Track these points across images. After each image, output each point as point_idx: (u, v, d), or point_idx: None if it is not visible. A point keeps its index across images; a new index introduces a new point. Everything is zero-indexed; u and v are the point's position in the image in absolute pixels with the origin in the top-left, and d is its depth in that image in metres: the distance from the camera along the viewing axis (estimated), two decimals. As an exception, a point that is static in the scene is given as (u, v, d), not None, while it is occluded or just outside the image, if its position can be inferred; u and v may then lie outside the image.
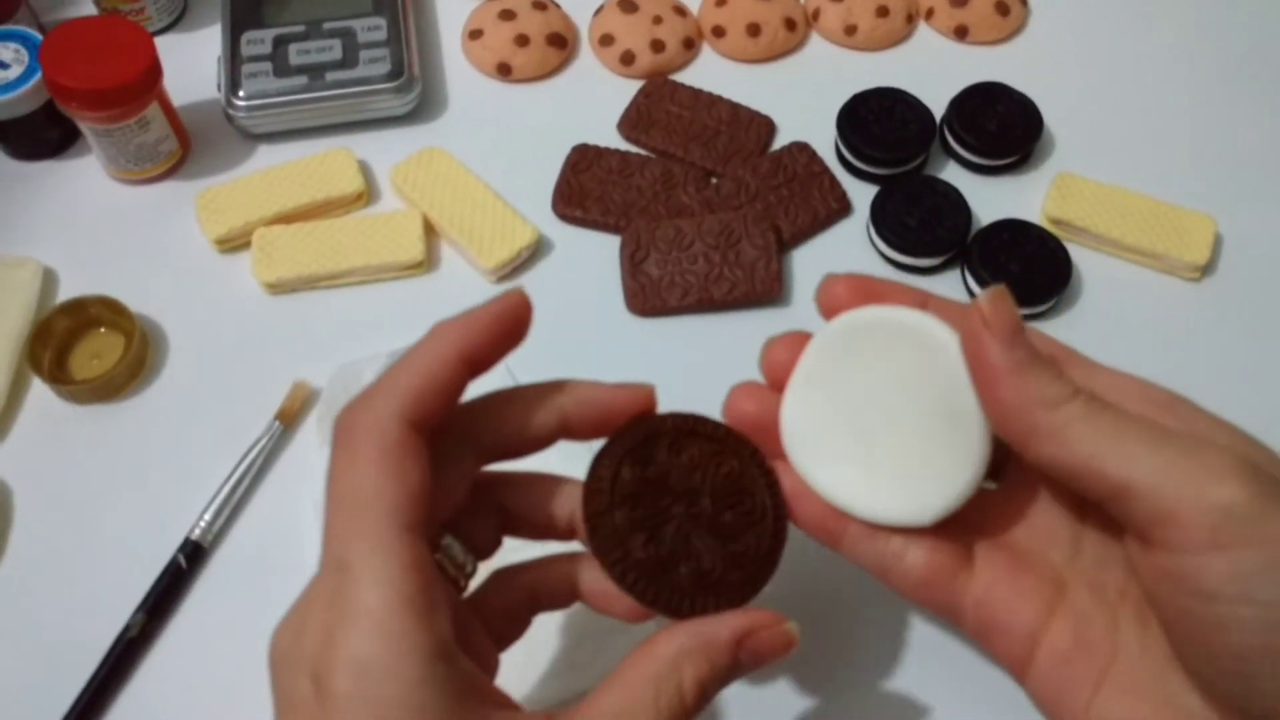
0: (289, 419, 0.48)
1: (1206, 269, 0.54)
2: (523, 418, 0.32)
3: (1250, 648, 0.28)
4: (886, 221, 0.54)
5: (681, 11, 0.62)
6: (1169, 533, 0.28)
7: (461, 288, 0.54)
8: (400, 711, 0.26)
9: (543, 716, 0.29)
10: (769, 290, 0.52)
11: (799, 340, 0.35)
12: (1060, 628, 0.33)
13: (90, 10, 0.61)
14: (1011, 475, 0.36)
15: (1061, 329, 0.53)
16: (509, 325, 0.32)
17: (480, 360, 0.31)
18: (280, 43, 0.57)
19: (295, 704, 0.27)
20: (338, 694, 0.27)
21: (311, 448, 0.48)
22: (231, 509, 0.47)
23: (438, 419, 0.30)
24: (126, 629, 0.43)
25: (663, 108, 0.58)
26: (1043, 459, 0.30)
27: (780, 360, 0.35)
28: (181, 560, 0.45)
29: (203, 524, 0.46)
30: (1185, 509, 0.28)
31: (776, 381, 0.35)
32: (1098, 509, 0.31)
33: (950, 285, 0.54)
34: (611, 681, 0.30)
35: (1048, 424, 0.30)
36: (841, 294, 0.35)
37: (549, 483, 0.34)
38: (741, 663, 0.31)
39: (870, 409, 0.34)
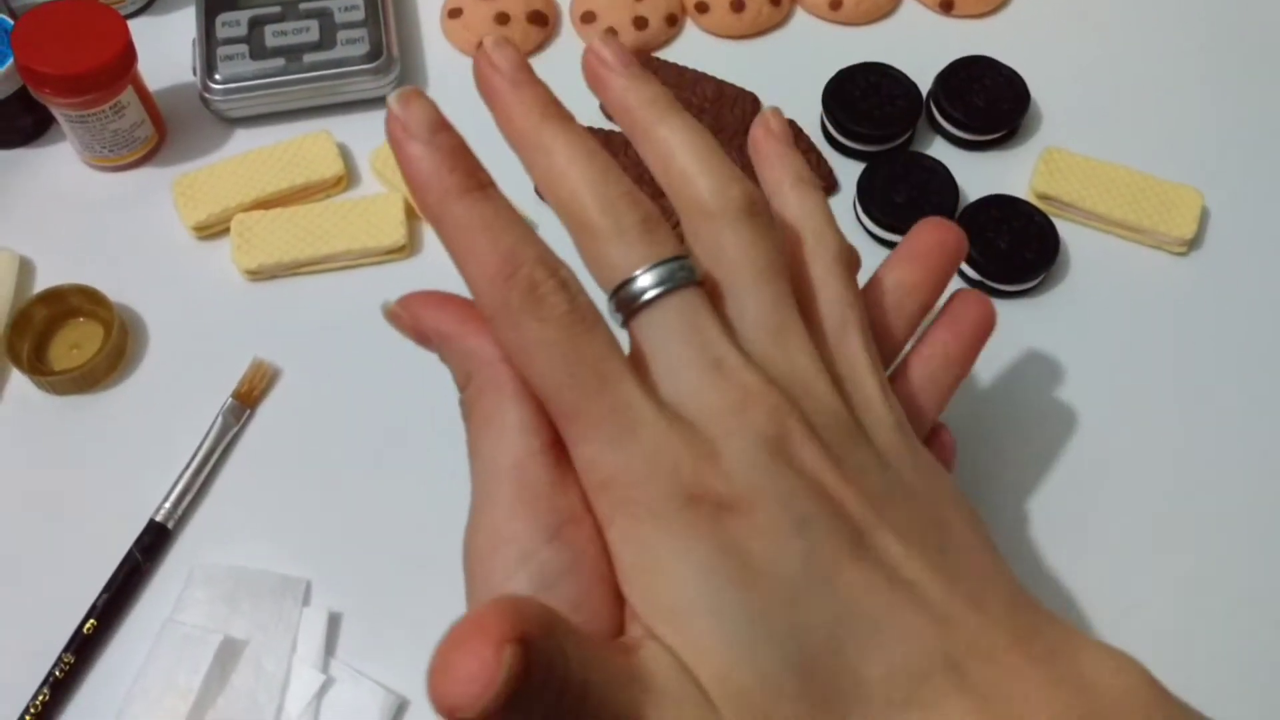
0: (249, 400, 0.49)
1: (1193, 243, 0.54)
2: None
3: None
4: (874, 198, 0.53)
5: (664, -13, 0.61)
6: None
7: (445, 272, 0.52)
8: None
9: None
10: (755, 270, 0.52)
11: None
12: None
13: (62, -7, 0.60)
14: None
15: (1049, 305, 0.53)
16: None
17: None
18: (256, 24, 0.56)
19: None
20: None
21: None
22: (195, 492, 0.47)
23: None
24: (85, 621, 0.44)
25: (646, 86, 0.58)
26: None
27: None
28: (137, 555, 0.45)
29: (165, 507, 0.46)
30: None
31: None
32: None
33: (937, 262, 0.54)
34: None
35: None
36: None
37: None
38: None
39: None
